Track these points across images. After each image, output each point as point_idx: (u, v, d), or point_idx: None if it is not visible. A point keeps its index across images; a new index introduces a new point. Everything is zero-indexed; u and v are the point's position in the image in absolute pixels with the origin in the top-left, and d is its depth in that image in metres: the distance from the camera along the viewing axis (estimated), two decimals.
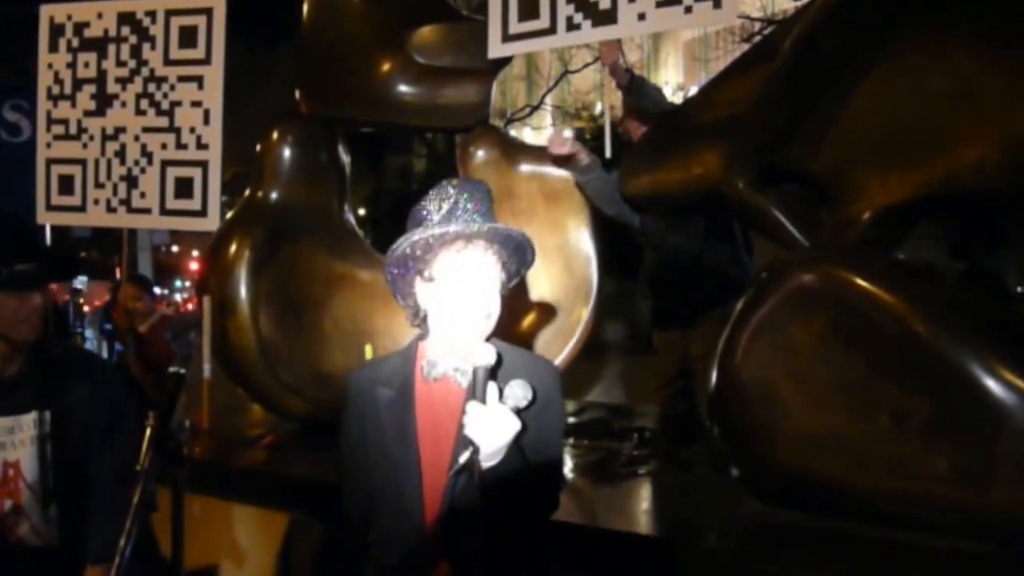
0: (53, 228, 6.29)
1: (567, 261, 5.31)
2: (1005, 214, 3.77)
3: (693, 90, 15.83)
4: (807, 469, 3.37)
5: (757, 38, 14.04)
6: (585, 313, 5.27)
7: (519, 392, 2.17)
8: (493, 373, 2.20)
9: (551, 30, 5.01)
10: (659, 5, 4.66)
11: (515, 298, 5.14)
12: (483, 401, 2.12)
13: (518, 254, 2.38)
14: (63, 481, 3.19)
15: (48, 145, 6.03)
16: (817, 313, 3.45)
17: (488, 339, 2.34)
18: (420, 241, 2.28)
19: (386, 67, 5.71)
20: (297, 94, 5.96)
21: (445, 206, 2.28)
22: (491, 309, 2.30)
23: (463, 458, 2.07)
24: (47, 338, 3.25)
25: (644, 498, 4.35)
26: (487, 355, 2.18)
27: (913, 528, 3.22)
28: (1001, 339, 3.12)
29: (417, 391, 2.37)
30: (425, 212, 2.32)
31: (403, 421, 2.33)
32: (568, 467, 4.71)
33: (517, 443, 2.14)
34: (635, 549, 3.55)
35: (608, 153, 5.04)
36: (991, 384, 2.99)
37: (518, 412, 2.14)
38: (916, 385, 3.17)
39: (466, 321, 2.28)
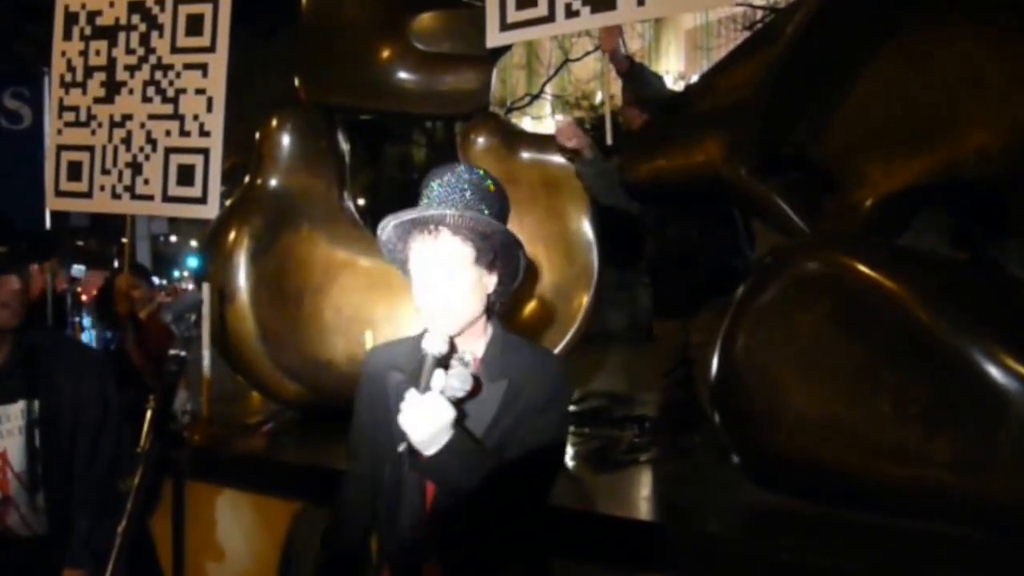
0: (53, 215, 6.31)
1: (568, 249, 5.31)
2: (1009, 201, 3.77)
3: (694, 78, 15.80)
4: (808, 456, 3.37)
5: (759, 25, 14.00)
6: (586, 301, 5.28)
7: (456, 383, 2.17)
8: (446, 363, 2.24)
9: (550, 17, 4.99)
10: None
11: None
12: (424, 389, 2.14)
13: (493, 244, 2.28)
14: (51, 470, 3.20)
15: (59, 132, 6.08)
16: (818, 300, 3.44)
17: (504, 332, 2.36)
18: (387, 230, 2.28)
19: (385, 54, 5.71)
20: (296, 81, 5.97)
21: (426, 193, 2.27)
22: (451, 300, 2.23)
23: (401, 447, 2.13)
24: (33, 326, 3.24)
25: (644, 485, 4.36)
26: (438, 343, 2.19)
27: (914, 516, 3.22)
28: (1003, 326, 3.11)
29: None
30: (420, 200, 2.30)
31: None
32: (569, 455, 4.71)
33: (468, 435, 2.16)
34: (635, 535, 3.56)
35: (609, 141, 5.04)
36: (993, 371, 2.98)
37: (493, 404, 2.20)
38: (918, 372, 3.16)
39: (423, 309, 2.26)
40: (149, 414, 2.18)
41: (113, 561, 2.06)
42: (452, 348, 2.28)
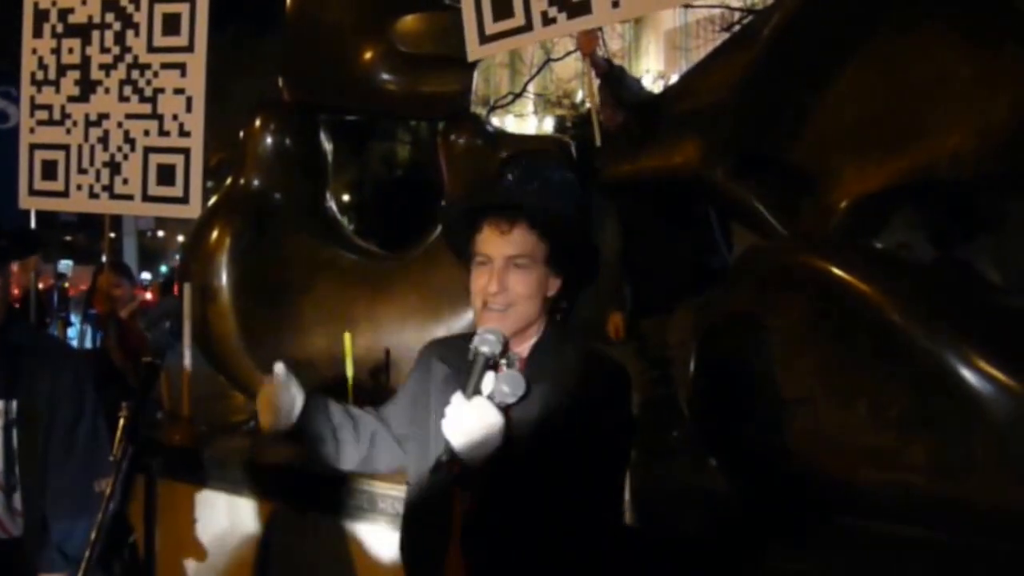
0: (39, 213, 6.30)
1: None
2: (982, 202, 3.81)
3: (674, 78, 15.82)
4: (785, 459, 3.39)
5: (737, 27, 14.04)
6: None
7: (505, 387, 2.02)
8: (495, 365, 2.09)
9: (527, 27, 4.97)
10: None
11: None
12: (472, 393, 2.00)
13: (555, 227, 2.14)
14: (28, 471, 3.16)
15: (32, 130, 6.02)
16: (794, 302, 3.47)
17: (556, 334, 2.19)
18: (447, 216, 2.20)
19: (368, 55, 5.71)
20: (280, 81, 5.96)
21: (505, 179, 2.16)
22: (517, 297, 2.10)
23: (441, 455, 1.98)
24: (12, 325, 3.22)
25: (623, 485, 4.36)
26: (492, 343, 2.05)
27: (891, 519, 3.24)
28: (977, 329, 3.14)
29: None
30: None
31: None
32: None
33: (517, 446, 1.99)
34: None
35: (598, 141, 5.04)
36: (967, 375, 3.01)
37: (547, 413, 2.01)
38: (893, 375, 3.19)
39: (485, 304, 2.13)
40: (122, 422, 2.18)
41: (83, 569, 2.06)
42: (505, 349, 2.13)
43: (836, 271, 3.35)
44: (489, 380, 2.05)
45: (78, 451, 3.20)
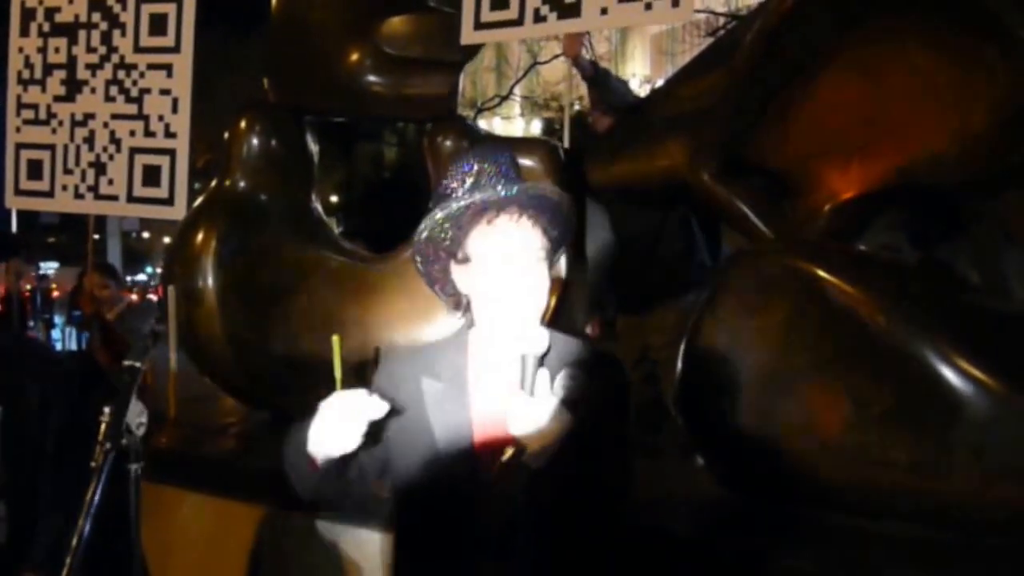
0: (20, 213, 6.29)
1: None
2: (962, 203, 3.84)
3: (660, 83, 15.89)
4: (771, 456, 3.41)
5: (721, 32, 14.11)
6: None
7: (572, 384, 1.95)
8: (543, 362, 1.96)
9: (519, 21, 5.07)
10: (621, 0, 4.72)
11: None
12: (531, 393, 1.88)
13: (557, 218, 2.09)
14: (15, 478, 3.14)
15: (18, 130, 6.03)
16: (780, 303, 3.49)
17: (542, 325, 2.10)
18: (443, 219, 2.04)
19: (354, 57, 5.70)
20: (265, 83, 5.96)
21: (469, 179, 2.04)
22: (536, 286, 2.02)
23: (505, 457, 1.84)
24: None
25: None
26: (537, 341, 1.97)
27: (876, 515, 3.26)
28: (958, 329, 3.17)
29: (471, 385, 2.10)
30: (448, 190, 2.06)
31: (457, 419, 2.06)
32: None
33: (572, 445, 1.88)
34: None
35: (566, 143, 5.07)
36: (948, 373, 3.04)
37: (575, 407, 1.90)
38: (876, 375, 3.21)
39: (510, 303, 2.02)
40: (103, 427, 2.17)
41: (65, 573, 2.05)
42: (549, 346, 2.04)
43: (820, 273, 3.36)
44: (544, 378, 1.91)
45: (72, 457, 3.18)
